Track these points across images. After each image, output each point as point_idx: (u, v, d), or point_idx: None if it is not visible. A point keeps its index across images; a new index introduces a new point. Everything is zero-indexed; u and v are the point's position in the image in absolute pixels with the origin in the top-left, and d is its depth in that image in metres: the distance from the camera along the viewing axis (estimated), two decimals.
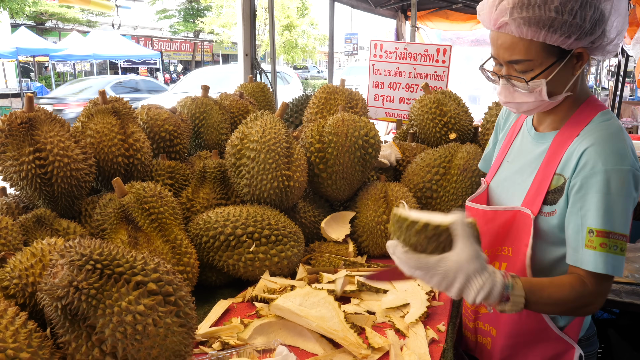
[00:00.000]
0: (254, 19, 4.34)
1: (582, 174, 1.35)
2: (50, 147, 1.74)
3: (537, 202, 1.45)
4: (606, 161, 1.32)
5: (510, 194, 1.59)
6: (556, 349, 1.57)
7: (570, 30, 1.29)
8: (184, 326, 1.28)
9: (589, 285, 1.34)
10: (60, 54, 18.87)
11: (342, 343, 1.47)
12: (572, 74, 1.41)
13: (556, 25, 1.29)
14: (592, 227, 1.33)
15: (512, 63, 1.39)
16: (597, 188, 1.32)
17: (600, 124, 1.40)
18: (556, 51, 1.35)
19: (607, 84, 15.13)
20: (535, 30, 1.30)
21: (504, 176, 1.65)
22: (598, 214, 1.32)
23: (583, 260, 1.35)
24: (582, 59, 1.38)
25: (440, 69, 3.81)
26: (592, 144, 1.36)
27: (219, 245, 1.86)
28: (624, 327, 2.95)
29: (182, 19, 31.75)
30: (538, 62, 1.36)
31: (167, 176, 2.19)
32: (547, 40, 1.31)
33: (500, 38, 1.38)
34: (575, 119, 1.45)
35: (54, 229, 1.70)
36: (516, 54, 1.36)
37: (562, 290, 1.34)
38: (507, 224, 1.54)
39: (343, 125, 2.22)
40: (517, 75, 1.40)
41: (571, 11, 1.28)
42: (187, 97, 2.68)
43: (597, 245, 1.32)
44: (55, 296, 1.18)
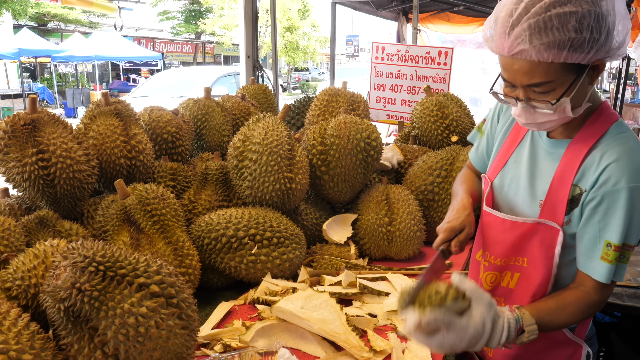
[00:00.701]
0: (256, 21, 4.35)
1: (604, 189, 1.36)
2: (53, 148, 1.74)
3: (558, 213, 1.45)
4: (630, 178, 1.33)
5: (518, 197, 1.57)
6: (568, 352, 1.58)
7: (590, 46, 1.26)
8: (186, 328, 1.28)
9: (594, 295, 1.39)
10: (62, 55, 18.87)
11: (343, 346, 1.47)
12: (590, 84, 1.39)
13: (576, 45, 1.25)
14: (611, 241, 1.36)
15: (532, 86, 1.34)
16: (620, 205, 1.34)
17: (619, 137, 1.40)
18: (576, 68, 1.31)
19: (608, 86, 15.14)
20: (555, 52, 1.25)
21: (511, 176, 1.61)
22: (619, 229, 1.34)
23: (596, 271, 1.38)
24: (598, 69, 1.36)
25: (442, 72, 3.81)
26: (615, 160, 1.35)
27: (220, 247, 1.86)
28: (626, 330, 2.95)
29: (184, 21, 31.79)
30: (559, 82, 1.32)
31: (169, 178, 2.19)
32: (568, 60, 1.27)
33: (517, 63, 1.32)
34: (588, 128, 1.44)
35: (57, 231, 1.70)
36: (536, 77, 1.31)
37: (569, 310, 1.39)
38: (525, 235, 1.52)
39: (345, 128, 2.22)
40: (539, 98, 1.35)
41: (588, 27, 1.25)
42: (189, 98, 2.68)
43: (613, 259, 1.35)
44: (58, 298, 1.18)
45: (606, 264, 1.36)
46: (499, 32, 1.31)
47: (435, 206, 2.41)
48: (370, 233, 2.21)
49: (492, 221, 1.61)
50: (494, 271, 1.62)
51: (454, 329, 1.22)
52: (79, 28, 25.04)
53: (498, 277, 1.62)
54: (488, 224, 1.64)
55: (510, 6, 1.29)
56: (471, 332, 1.23)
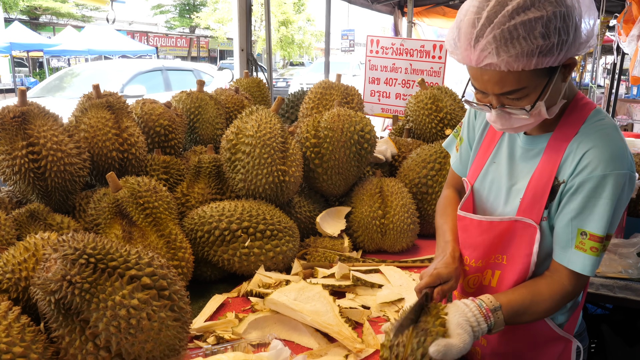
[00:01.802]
0: (250, 14, 4.33)
1: (581, 177, 1.33)
2: (44, 141, 1.73)
3: (537, 209, 1.42)
4: (606, 166, 1.31)
5: (498, 197, 1.54)
6: (558, 347, 1.57)
7: (559, 48, 1.23)
8: (178, 320, 1.28)
9: (568, 285, 1.37)
10: (54, 49, 18.74)
11: (336, 337, 1.47)
12: (563, 81, 1.37)
13: (545, 50, 1.22)
14: (585, 229, 1.33)
15: (505, 94, 1.31)
16: (594, 192, 1.32)
17: (597, 124, 1.38)
18: (547, 70, 1.28)
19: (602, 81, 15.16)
20: (525, 61, 1.22)
21: (491, 178, 1.58)
22: (593, 218, 1.32)
23: (571, 261, 1.36)
24: (570, 66, 1.33)
25: (436, 65, 3.81)
26: (591, 147, 1.33)
27: (213, 240, 1.85)
28: (617, 322, 2.97)
29: (178, 15, 31.63)
30: (532, 87, 1.29)
31: (162, 171, 2.18)
32: (538, 65, 1.24)
33: (486, 74, 1.28)
34: (567, 119, 1.42)
35: (48, 224, 1.69)
36: (507, 86, 1.28)
37: (544, 304, 1.38)
38: (503, 234, 1.49)
39: (339, 121, 2.21)
40: (513, 105, 1.33)
41: (555, 30, 1.21)
42: (182, 91, 2.67)
43: (588, 248, 1.33)
44: (49, 290, 1.17)
45: (581, 253, 1.34)
46: (463, 44, 1.27)
47: (428, 199, 2.41)
48: (364, 226, 2.21)
49: (468, 224, 1.56)
50: (475, 273, 1.59)
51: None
52: (71, 22, 24.85)
53: (480, 277, 1.59)
54: (464, 227, 1.59)
55: (472, 16, 1.24)
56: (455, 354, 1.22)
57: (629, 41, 4.97)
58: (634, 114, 10.10)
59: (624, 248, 2.31)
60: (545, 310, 1.39)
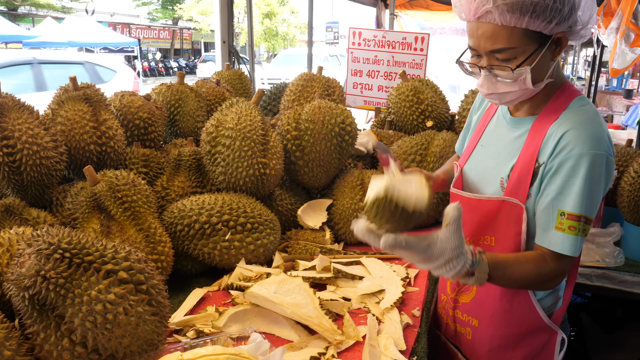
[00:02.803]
0: (232, 6, 4.29)
1: (559, 157, 1.37)
2: (19, 134, 1.70)
3: (522, 190, 1.45)
4: (583, 145, 1.34)
5: (484, 179, 1.60)
6: (544, 337, 1.60)
7: (552, 14, 1.29)
8: (156, 315, 1.27)
9: (551, 263, 1.39)
10: (34, 41, 18.38)
11: (316, 329, 1.48)
12: (552, 60, 1.42)
13: (538, 11, 1.28)
14: (564, 209, 1.36)
15: (495, 52, 1.37)
16: (572, 172, 1.35)
17: (578, 109, 1.42)
18: (538, 37, 1.34)
19: (583, 73, 15.34)
20: (518, 16, 1.29)
21: (478, 160, 1.65)
22: (570, 197, 1.35)
23: (551, 242, 1.39)
24: (561, 44, 1.39)
25: (418, 57, 3.81)
26: (570, 128, 1.37)
27: (194, 234, 1.84)
28: (596, 310, 3.02)
29: (161, 6, 31.25)
30: (521, 49, 1.35)
31: (142, 164, 2.16)
32: (529, 26, 1.30)
33: (481, 28, 1.35)
34: (552, 104, 1.47)
35: (24, 219, 1.66)
36: (499, 42, 1.34)
37: (525, 268, 1.40)
38: (490, 214, 1.54)
39: (319, 113, 2.21)
40: (500, 65, 1.38)
41: None
42: (162, 84, 2.64)
43: (566, 227, 1.36)
44: (22, 286, 1.15)
45: (560, 233, 1.37)
46: None
47: None
48: (346, 218, 2.21)
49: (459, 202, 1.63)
50: None
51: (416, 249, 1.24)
52: (51, 13, 24.39)
53: None
54: None
55: None
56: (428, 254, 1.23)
57: (608, 34, 5.01)
58: (614, 106, 10.24)
59: (601, 237, 2.35)
60: (528, 274, 1.39)
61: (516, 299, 1.58)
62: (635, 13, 4.64)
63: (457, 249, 1.24)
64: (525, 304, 1.57)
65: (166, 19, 32.51)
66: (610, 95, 10.97)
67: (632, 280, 2.18)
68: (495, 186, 1.53)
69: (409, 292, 1.80)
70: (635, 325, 2.87)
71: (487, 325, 1.66)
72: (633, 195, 2.23)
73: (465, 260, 1.27)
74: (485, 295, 1.64)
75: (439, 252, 1.23)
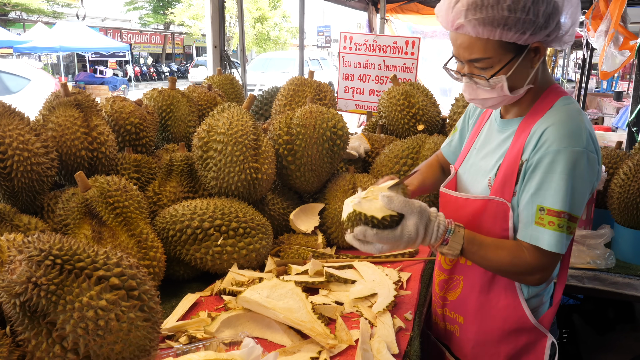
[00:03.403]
0: (223, 11, 4.29)
1: (539, 154, 1.41)
2: (9, 140, 1.69)
3: (507, 188, 1.48)
4: (560, 141, 1.37)
5: (475, 180, 1.62)
6: (529, 338, 1.60)
7: (525, 26, 1.33)
8: (148, 320, 1.27)
9: (528, 256, 1.42)
10: (24, 46, 18.32)
11: (309, 334, 1.48)
12: (531, 67, 1.45)
13: (510, 23, 1.32)
14: (543, 205, 1.39)
15: (472, 62, 1.43)
16: (549, 168, 1.38)
17: (561, 107, 1.46)
18: (513, 47, 1.38)
19: (574, 76, 15.46)
20: (490, 29, 1.34)
21: (471, 162, 1.68)
22: (549, 192, 1.38)
23: (532, 236, 1.42)
24: (539, 52, 1.42)
25: (409, 61, 3.83)
26: (550, 124, 1.41)
27: (186, 239, 1.84)
28: (588, 312, 3.04)
29: (152, 11, 31.20)
30: (497, 59, 1.39)
31: (133, 170, 2.16)
32: (502, 38, 1.35)
33: (459, 38, 1.42)
34: (538, 105, 1.50)
35: (14, 225, 1.65)
36: (475, 53, 1.40)
37: (500, 251, 1.44)
38: (478, 212, 1.56)
39: (311, 117, 2.21)
40: (478, 74, 1.44)
41: (524, 8, 1.31)
42: (154, 89, 2.64)
43: (546, 222, 1.38)
44: (13, 293, 1.15)
45: (540, 227, 1.39)
46: (444, 7, 1.41)
47: None
48: (338, 222, 2.21)
49: (448, 200, 1.68)
50: None
51: (388, 240, 1.39)
52: (42, 18, 24.29)
53: None
54: (444, 204, 1.71)
55: None
56: (405, 239, 1.38)
57: (597, 37, 5.07)
58: (604, 108, 10.34)
59: (592, 239, 2.36)
60: (502, 259, 1.44)
61: (501, 295, 1.60)
62: (623, 16, 4.69)
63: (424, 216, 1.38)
64: (512, 301, 1.59)
65: (158, 24, 32.45)
66: (601, 97, 11.07)
67: (623, 282, 2.20)
68: (484, 186, 1.56)
69: (402, 296, 1.81)
70: (626, 327, 2.89)
71: (472, 320, 1.68)
72: (623, 197, 2.25)
73: (437, 224, 1.39)
74: (471, 290, 1.66)
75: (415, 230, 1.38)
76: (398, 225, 1.38)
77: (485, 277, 1.61)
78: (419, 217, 1.37)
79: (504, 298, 1.59)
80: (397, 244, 1.39)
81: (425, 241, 1.41)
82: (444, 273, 1.77)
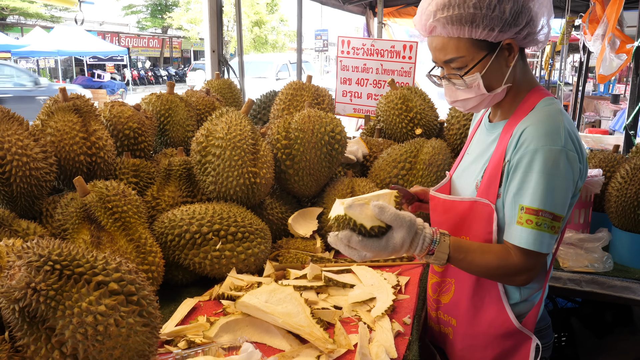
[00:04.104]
0: (221, 15, 4.30)
1: (519, 154, 1.42)
2: (8, 145, 1.69)
3: (492, 190, 1.50)
4: (538, 141, 1.39)
5: (466, 184, 1.65)
6: (514, 341, 1.61)
7: (492, 23, 1.37)
8: (147, 325, 1.27)
9: (514, 257, 1.42)
10: (22, 50, 18.33)
11: (308, 338, 1.48)
12: (506, 66, 1.49)
13: (477, 20, 1.37)
14: (522, 204, 1.40)
15: (448, 62, 1.47)
16: (528, 167, 1.39)
17: (542, 108, 1.48)
18: (485, 45, 1.43)
19: (571, 79, 15.49)
20: (458, 27, 1.39)
21: (463, 167, 1.71)
22: (528, 191, 1.39)
23: (513, 235, 1.43)
24: (512, 50, 1.46)
25: (407, 65, 3.84)
26: (529, 125, 1.43)
27: (184, 244, 1.84)
28: (586, 315, 3.04)
29: (150, 15, 31.22)
30: (469, 57, 1.44)
31: (132, 174, 2.16)
32: (472, 35, 1.39)
33: (434, 41, 1.47)
34: (521, 107, 1.53)
35: (13, 230, 1.66)
36: (449, 53, 1.45)
37: (487, 256, 1.44)
38: (464, 214, 1.59)
39: (309, 122, 2.22)
40: (455, 75, 1.48)
41: (489, 5, 1.36)
42: (152, 93, 2.64)
43: (524, 221, 1.39)
44: (13, 298, 1.15)
45: (519, 227, 1.40)
46: (419, 13, 1.47)
47: None
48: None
49: (437, 204, 1.70)
50: None
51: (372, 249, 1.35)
52: (40, 22, 24.32)
53: None
54: (433, 207, 1.73)
55: None
56: (390, 250, 1.36)
57: (594, 40, 5.09)
58: (601, 111, 10.36)
59: (590, 243, 2.37)
60: (489, 263, 1.43)
61: (487, 299, 1.61)
62: (620, 19, 4.71)
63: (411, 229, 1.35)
64: (496, 306, 1.59)
65: (155, 28, 32.48)
66: (598, 100, 11.09)
67: (621, 285, 2.20)
68: (471, 189, 1.59)
69: (400, 300, 1.81)
70: (625, 330, 2.90)
71: (462, 324, 1.70)
72: (620, 200, 2.26)
73: (423, 237, 1.37)
74: (462, 293, 1.67)
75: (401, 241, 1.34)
76: (384, 235, 1.35)
77: (473, 281, 1.62)
78: (407, 231, 1.35)
79: (488, 302, 1.61)
80: (380, 254, 1.37)
81: (409, 252, 1.39)
82: (437, 276, 1.78)
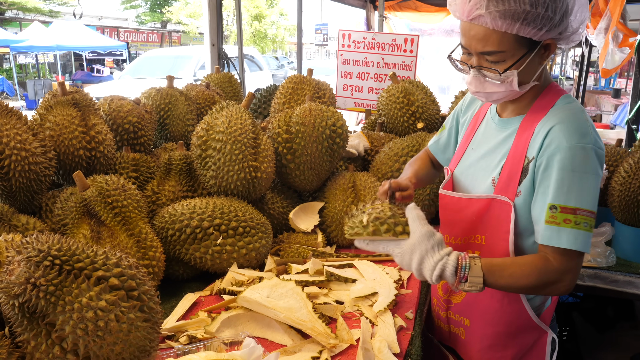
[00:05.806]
0: (220, 9, 4.27)
1: (547, 152, 1.38)
2: (7, 140, 1.68)
3: (511, 187, 1.47)
4: (569, 139, 1.36)
5: (476, 180, 1.60)
6: (533, 336, 1.60)
7: (543, 22, 1.32)
8: (148, 321, 1.26)
9: (553, 262, 1.36)
10: (21, 45, 18.25)
11: (310, 333, 1.47)
12: (539, 64, 1.45)
13: (530, 18, 1.31)
14: (554, 203, 1.36)
15: (485, 54, 1.40)
16: (561, 165, 1.36)
17: (564, 106, 1.45)
18: (527, 42, 1.37)
19: (572, 73, 15.46)
20: (509, 22, 1.31)
21: (469, 163, 1.65)
22: (561, 190, 1.35)
23: (545, 236, 1.37)
24: (549, 49, 1.41)
25: (408, 59, 3.82)
26: (557, 123, 1.39)
27: (185, 238, 1.83)
28: (588, 310, 3.04)
29: (149, 9, 31.09)
30: (510, 53, 1.37)
31: (132, 169, 2.14)
32: (520, 32, 1.33)
33: (473, 29, 1.38)
34: (539, 103, 1.49)
35: (13, 225, 1.64)
36: (489, 45, 1.37)
37: (524, 268, 1.37)
38: (480, 212, 1.54)
39: (310, 115, 2.20)
40: (489, 67, 1.41)
41: (544, 4, 1.31)
42: (151, 87, 2.63)
43: (561, 221, 1.34)
44: (12, 294, 1.14)
45: (555, 227, 1.35)
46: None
47: None
48: (338, 220, 2.21)
49: (448, 202, 1.65)
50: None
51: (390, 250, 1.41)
52: (38, 17, 24.19)
53: None
54: (444, 205, 1.68)
55: None
56: (398, 260, 1.39)
57: (597, 34, 5.06)
58: (602, 105, 10.33)
59: (593, 237, 2.35)
60: (526, 275, 1.36)
61: (506, 298, 1.58)
62: (623, 13, 4.68)
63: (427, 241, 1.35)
64: (515, 303, 1.57)
65: (155, 22, 32.35)
66: (599, 94, 11.06)
67: (623, 280, 2.19)
68: (487, 185, 1.54)
69: (402, 295, 1.80)
70: (626, 324, 2.89)
71: (478, 324, 1.67)
72: (624, 194, 2.25)
73: (446, 262, 1.33)
74: (475, 294, 1.64)
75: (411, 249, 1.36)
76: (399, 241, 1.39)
77: None
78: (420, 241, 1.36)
79: (507, 301, 1.57)
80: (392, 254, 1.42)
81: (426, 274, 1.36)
82: None
